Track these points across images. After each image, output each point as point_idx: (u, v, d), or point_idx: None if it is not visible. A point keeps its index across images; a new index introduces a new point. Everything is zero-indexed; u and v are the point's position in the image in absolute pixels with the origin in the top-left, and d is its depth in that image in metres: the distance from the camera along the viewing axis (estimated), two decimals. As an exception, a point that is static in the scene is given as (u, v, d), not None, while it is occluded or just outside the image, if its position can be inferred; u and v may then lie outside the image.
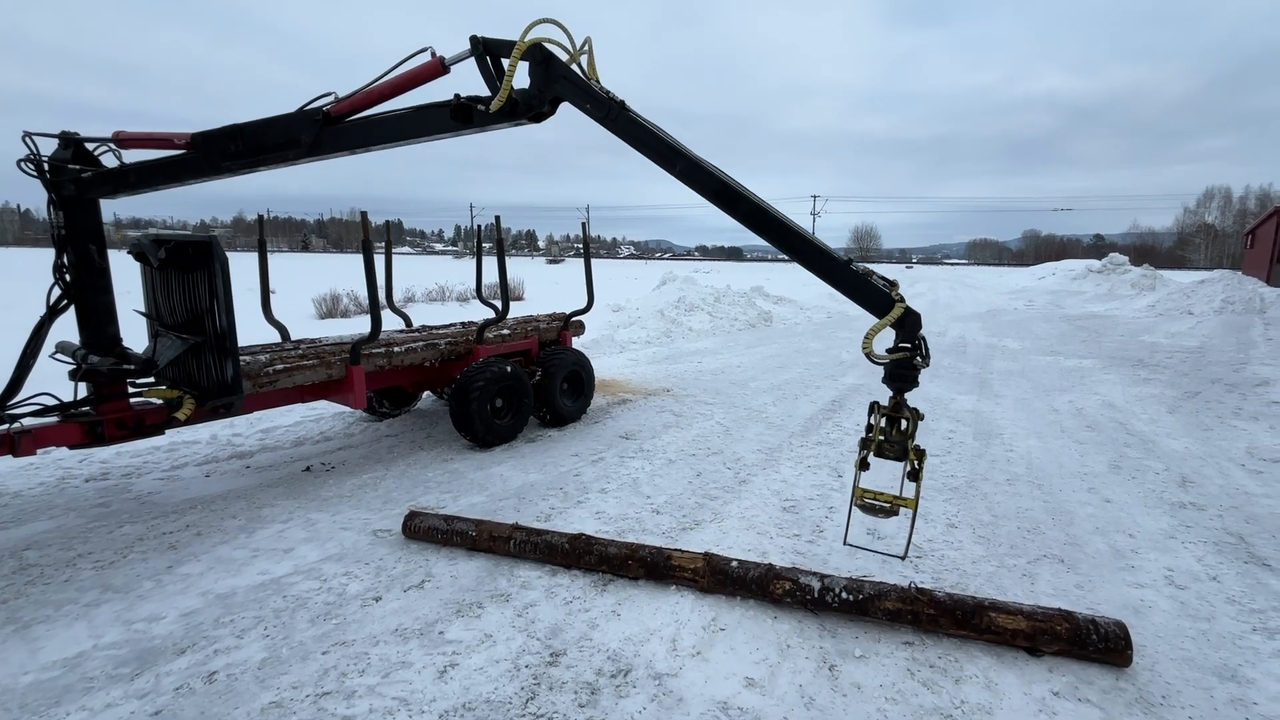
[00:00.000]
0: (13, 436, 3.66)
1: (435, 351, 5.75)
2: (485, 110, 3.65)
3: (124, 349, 4.25)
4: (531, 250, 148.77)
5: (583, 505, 4.44)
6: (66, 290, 4.02)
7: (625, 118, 3.57)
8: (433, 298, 19.58)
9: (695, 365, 9.83)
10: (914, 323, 3.43)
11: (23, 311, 12.60)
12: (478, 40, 3.62)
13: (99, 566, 3.52)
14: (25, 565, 3.51)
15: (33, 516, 4.15)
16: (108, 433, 4.02)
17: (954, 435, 6.24)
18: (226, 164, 4.10)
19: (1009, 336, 13.70)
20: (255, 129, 4.03)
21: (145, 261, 4.47)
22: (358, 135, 3.94)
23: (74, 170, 3.98)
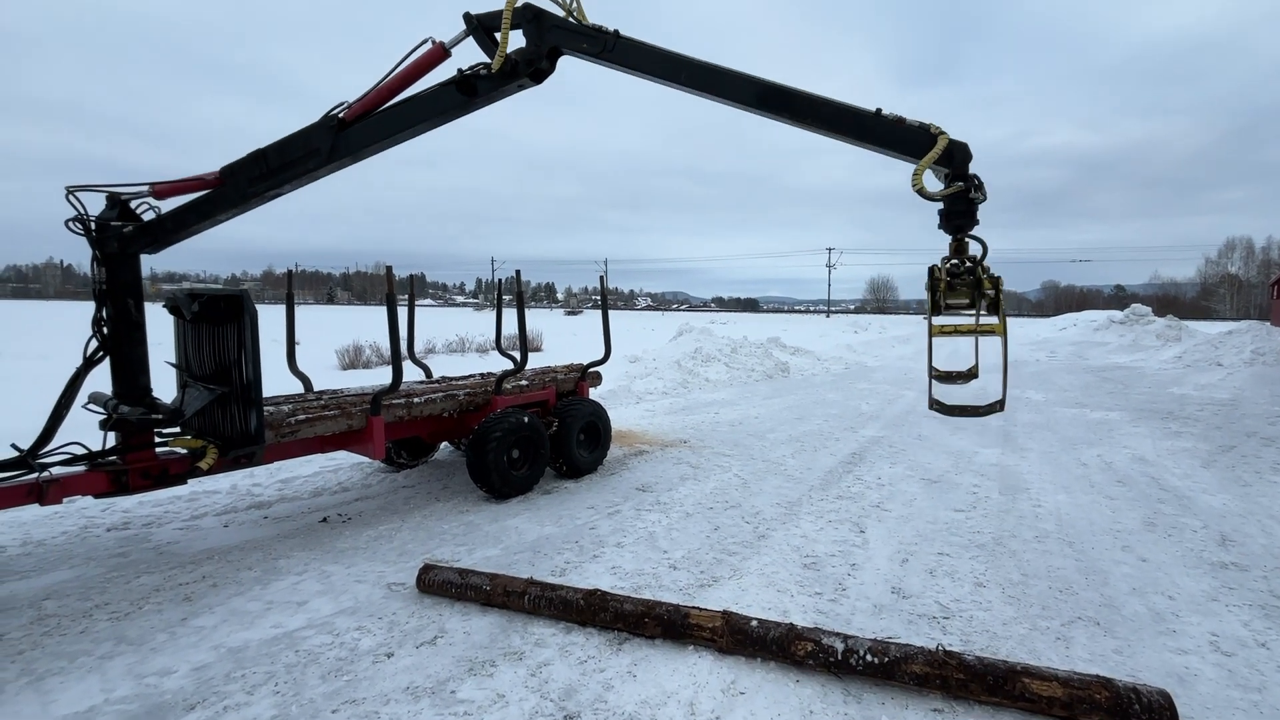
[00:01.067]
0: (40, 485, 3.72)
1: (454, 402, 5.81)
2: (487, 75, 3.75)
3: (153, 399, 4.35)
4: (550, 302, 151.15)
5: (598, 560, 4.37)
6: (103, 343, 4.15)
7: (624, 44, 3.69)
8: (453, 349, 19.87)
9: (712, 416, 9.78)
10: (963, 154, 3.25)
11: (59, 361, 13.01)
12: (471, 17, 3.77)
13: (115, 618, 3.51)
14: (43, 615, 3.52)
15: (54, 566, 4.18)
16: (132, 482, 4.07)
17: (979, 490, 6.09)
18: (254, 189, 4.17)
19: (1032, 388, 13.49)
20: (277, 148, 4.13)
21: (179, 315, 4.63)
22: (372, 132, 4.01)
23: (117, 227, 4.16)
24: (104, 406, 4.17)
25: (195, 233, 4.50)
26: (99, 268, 4.10)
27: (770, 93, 3.75)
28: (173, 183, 4.35)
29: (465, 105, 3.96)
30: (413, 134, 4.18)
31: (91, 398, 4.33)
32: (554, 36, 3.85)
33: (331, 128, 4.04)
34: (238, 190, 4.19)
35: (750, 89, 3.81)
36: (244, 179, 4.16)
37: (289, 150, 4.11)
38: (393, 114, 4.02)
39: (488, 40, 3.85)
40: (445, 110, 4.02)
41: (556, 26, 3.81)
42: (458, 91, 3.89)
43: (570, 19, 3.79)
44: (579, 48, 3.79)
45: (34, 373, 12.50)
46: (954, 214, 3.27)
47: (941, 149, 3.27)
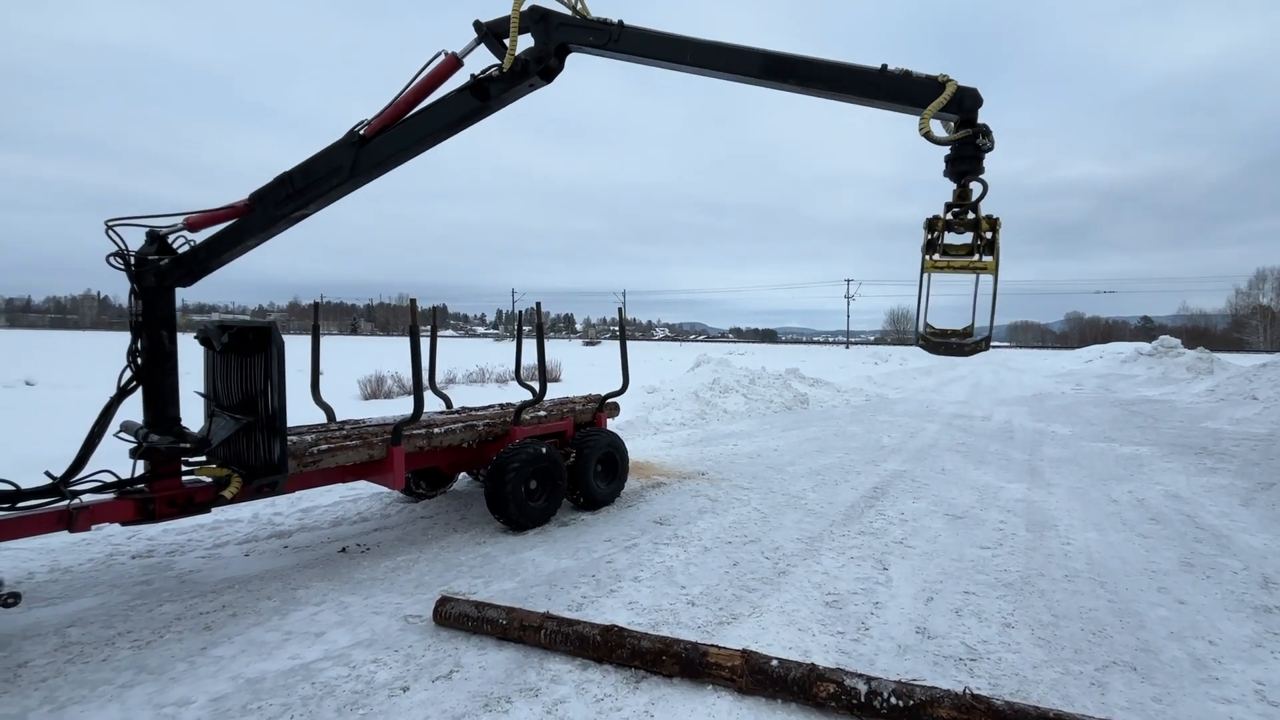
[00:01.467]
0: (71, 512, 3.80)
1: (473, 433, 5.85)
2: (499, 77, 3.86)
3: (181, 428, 4.45)
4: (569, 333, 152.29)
5: (615, 594, 4.32)
6: (137, 373, 4.27)
7: (629, 33, 3.79)
8: (473, 379, 20.04)
9: (730, 448, 9.71)
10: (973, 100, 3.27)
11: (93, 390, 13.35)
12: (481, 25, 3.91)
13: (136, 646, 3.54)
14: (67, 643, 3.56)
15: (80, 593, 4.24)
16: (159, 510, 4.14)
17: (1005, 526, 5.93)
18: (281, 210, 4.27)
19: (1058, 421, 13.21)
20: (301, 169, 4.24)
21: (209, 346, 4.76)
22: (392, 144, 4.10)
23: (154, 261, 4.31)
24: (135, 435, 4.27)
25: (227, 261, 4.61)
26: (136, 300, 4.24)
27: (775, 62, 3.81)
28: (205, 213, 4.46)
29: (480, 110, 4.07)
30: (431, 143, 4.26)
31: (123, 426, 4.44)
32: (561, 34, 3.99)
33: (353, 144, 4.13)
34: (266, 214, 4.30)
35: (755, 60, 3.87)
36: (272, 202, 4.28)
37: (313, 170, 4.22)
38: (411, 125, 4.13)
39: (499, 46, 3.98)
40: (461, 116, 4.12)
41: (562, 24, 3.96)
42: (472, 96, 4.01)
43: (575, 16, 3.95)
44: (586, 41, 3.93)
45: (69, 401, 12.85)
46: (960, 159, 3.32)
47: (950, 94, 3.31)
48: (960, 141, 3.29)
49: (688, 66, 3.96)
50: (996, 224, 3.30)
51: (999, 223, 3.30)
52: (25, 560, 4.75)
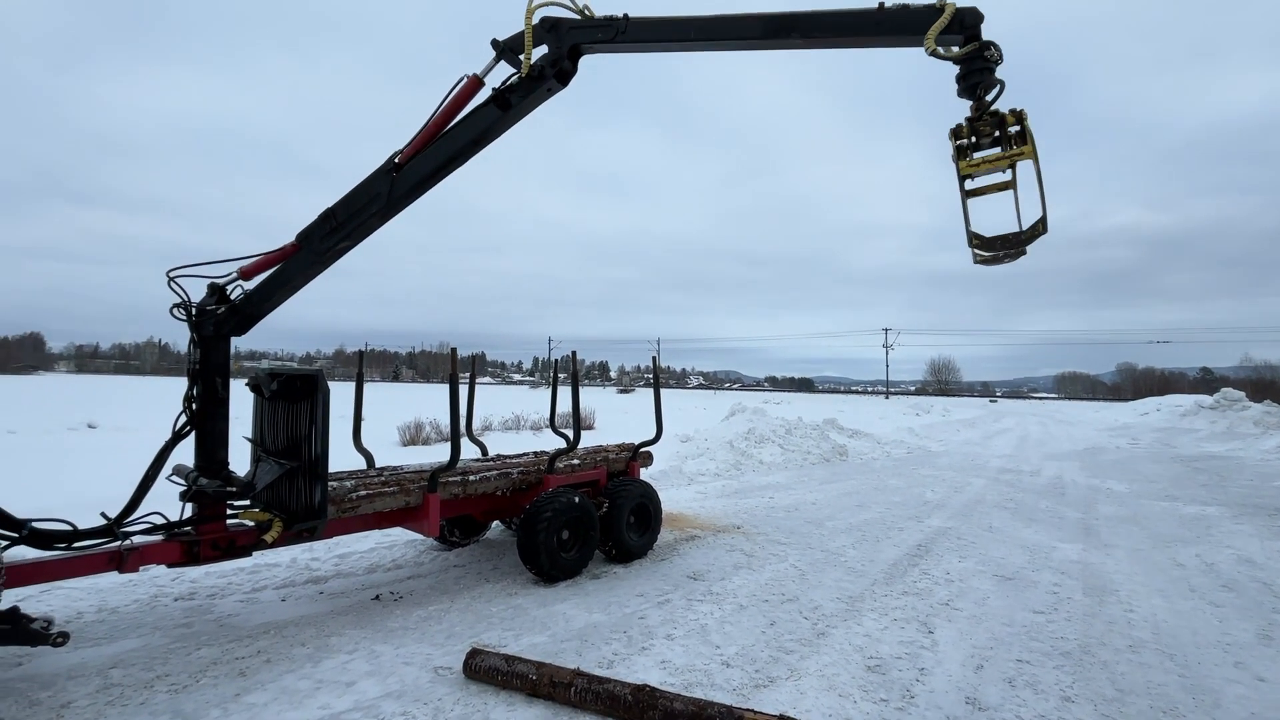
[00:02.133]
0: (122, 553, 3.93)
1: (508, 481, 5.87)
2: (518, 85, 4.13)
3: (229, 472, 4.59)
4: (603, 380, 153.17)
5: (647, 652, 4.20)
6: (191, 418, 4.46)
7: (634, 24, 4.04)
8: (508, 426, 20.23)
9: (767, 501, 9.50)
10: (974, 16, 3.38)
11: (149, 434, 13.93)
12: (498, 43, 4.27)
13: (174, 690, 3.58)
14: (109, 684, 3.62)
15: (124, 634, 4.33)
16: (203, 552, 4.25)
17: (1060, 589, 5.61)
18: (326, 245, 4.47)
19: (1114, 478, 12.57)
20: (342, 203, 4.46)
21: (259, 392, 4.95)
22: (425, 164, 4.30)
23: (213, 311, 4.54)
24: (185, 479, 4.43)
25: (277, 304, 4.75)
26: (195, 349, 4.46)
27: (777, 21, 3.92)
28: (255, 260, 4.66)
29: (503, 119, 4.30)
30: (461, 160, 4.43)
31: (175, 469, 4.61)
32: (571, 36, 4.24)
33: (388, 172, 4.34)
34: (313, 250, 4.49)
35: (757, 24, 4.00)
36: (317, 238, 4.48)
37: (354, 201, 4.43)
38: (440, 144, 4.33)
39: (516, 60, 4.25)
40: (486, 127, 4.32)
41: (572, 28, 4.23)
42: (495, 107, 4.24)
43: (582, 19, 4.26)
44: (596, 39, 4.17)
45: (128, 444, 13.42)
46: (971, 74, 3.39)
47: (950, 15, 3.41)
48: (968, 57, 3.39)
49: (695, 44, 4.13)
50: (1023, 115, 3.29)
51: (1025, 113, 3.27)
52: (76, 599, 4.89)
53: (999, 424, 29.38)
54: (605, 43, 4.23)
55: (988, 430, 25.26)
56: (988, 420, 31.66)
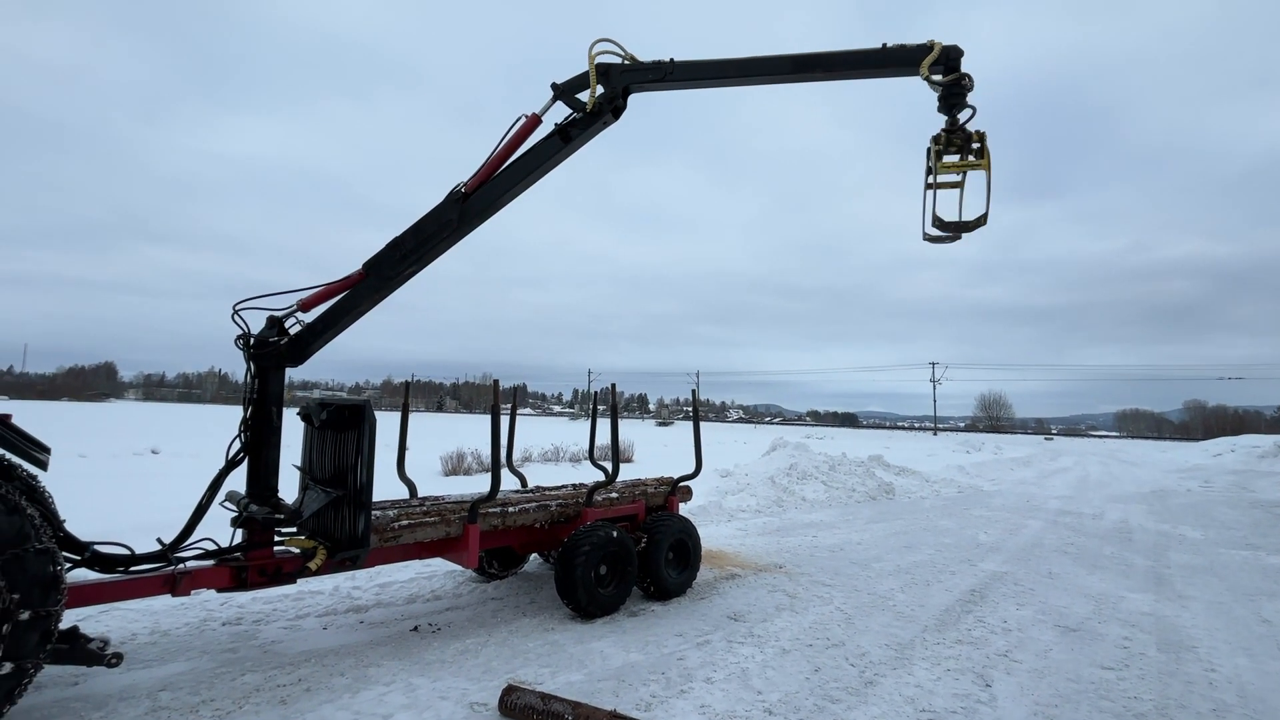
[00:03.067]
0: (175, 577, 4.06)
1: (546, 513, 5.86)
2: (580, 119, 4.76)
3: (278, 500, 4.72)
4: (642, 413, 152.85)
5: (686, 696, 4.07)
6: (245, 445, 4.62)
7: (680, 66, 4.73)
8: (548, 457, 20.31)
9: (810, 539, 9.21)
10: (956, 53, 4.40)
11: (207, 460, 14.48)
12: (556, 86, 4.85)
13: (217, 715, 3.63)
14: (157, 707, 3.69)
15: (173, 656, 4.44)
16: (250, 578, 4.34)
17: (1131, 644, 5.22)
18: (396, 270, 4.76)
19: (1186, 523, 11.77)
20: (411, 231, 4.76)
21: (309, 422, 5.10)
22: (494, 191, 4.75)
23: (274, 344, 4.72)
24: (237, 505, 4.57)
25: (338, 333, 4.90)
26: (253, 379, 4.63)
27: (803, 60, 4.73)
28: (318, 291, 4.84)
29: (563, 149, 4.84)
30: (525, 186, 4.92)
31: (228, 495, 4.76)
32: (624, 78, 4.84)
33: (457, 200, 4.76)
34: (382, 277, 4.75)
35: (787, 63, 4.81)
36: (387, 264, 4.76)
37: (423, 229, 4.76)
38: (509, 172, 4.80)
39: (572, 101, 4.86)
40: (549, 157, 4.84)
41: (624, 71, 4.82)
42: (559, 140, 4.78)
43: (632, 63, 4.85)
44: (646, 80, 4.80)
45: (186, 469, 13.99)
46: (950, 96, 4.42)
47: (938, 51, 4.41)
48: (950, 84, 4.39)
49: (732, 81, 4.86)
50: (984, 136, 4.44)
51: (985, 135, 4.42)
52: (130, 621, 5.05)
53: (1056, 463, 28.02)
54: (654, 82, 4.85)
55: (1043, 469, 24.10)
56: (1043, 459, 30.22)
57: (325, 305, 4.90)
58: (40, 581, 3.13)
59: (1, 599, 3.01)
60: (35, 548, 3.14)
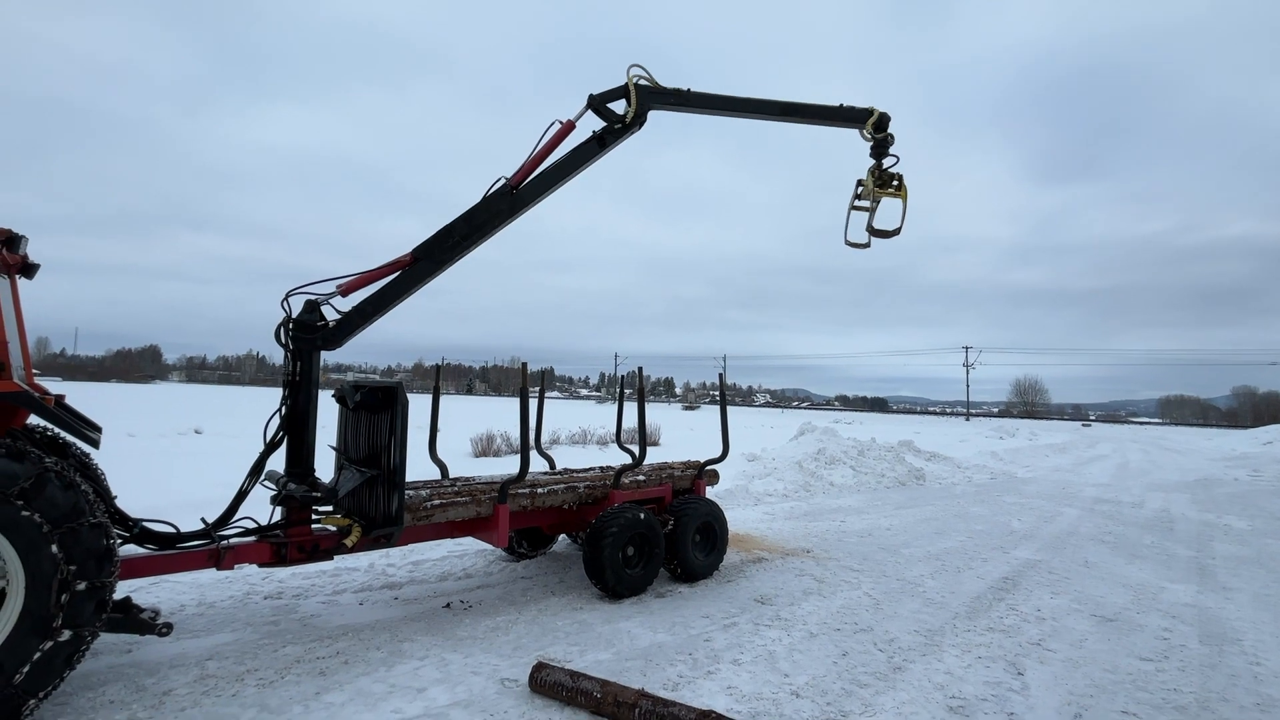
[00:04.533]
0: (219, 551, 4.22)
1: (574, 495, 5.92)
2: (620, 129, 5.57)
3: (315, 479, 4.85)
4: (669, 396, 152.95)
5: (713, 677, 4.10)
6: (283, 424, 4.74)
7: (693, 95, 5.76)
8: (575, 440, 20.49)
9: (838, 524, 9.15)
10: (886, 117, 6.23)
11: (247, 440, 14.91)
12: (593, 97, 5.60)
13: (261, 684, 3.78)
14: (205, 675, 3.86)
15: (219, 627, 4.63)
16: (290, 554, 4.49)
17: (1170, 635, 5.09)
18: (447, 255, 5.13)
19: (1232, 513, 11.38)
20: (463, 219, 5.15)
21: (343, 404, 5.22)
22: (540, 184, 5.38)
23: (320, 327, 4.80)
24: (276, 484, 4.71)
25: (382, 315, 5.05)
26: (293, 362, 4.73)
27: (786, 105, 6.15)
28: (363, 275, 4.95)
29: (597, 152, 5.56)
30: (564, 182, 5.56)
31: (267, 475, 4.91)
32: (651, 98, 5.69)
33: (506, 193, 5.27)
34: (433, 261, 5.11)
35: (775, 106, 6.17)
36: (439, 250, 5.14)
37: (475, 218, 5.22)
38: (552, 169, 5.44)
39: (604, 111, 5.61)
40: (586, 159, 5.55)
41: (651, 92, 5.67)
42: (596, 144, 5.53)
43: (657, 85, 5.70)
44: (668, 101, 5.72)
45: (227, 448, 14.47)
46: (880, 146, 6.24)
47: (877, 115, 6.21)
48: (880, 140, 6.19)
49: (733, 113, 6.01)
50: (902, 177, 6.23)
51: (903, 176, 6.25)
52: (179, 593, 5.27)
53: (1094, 450, 27.28)
54: (673, 105, 5.82)
55: (1081, 456, 23.50)
56: (1080, 445, 29.45)
57: (365, 290, 5.00)
58: (95, 554, 3.28)
59: (60, 570, 3.16)
60: (89, 522, 3.28)
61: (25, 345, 4.26)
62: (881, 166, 6.23)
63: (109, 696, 3.57)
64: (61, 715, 3.35)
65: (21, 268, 4.24)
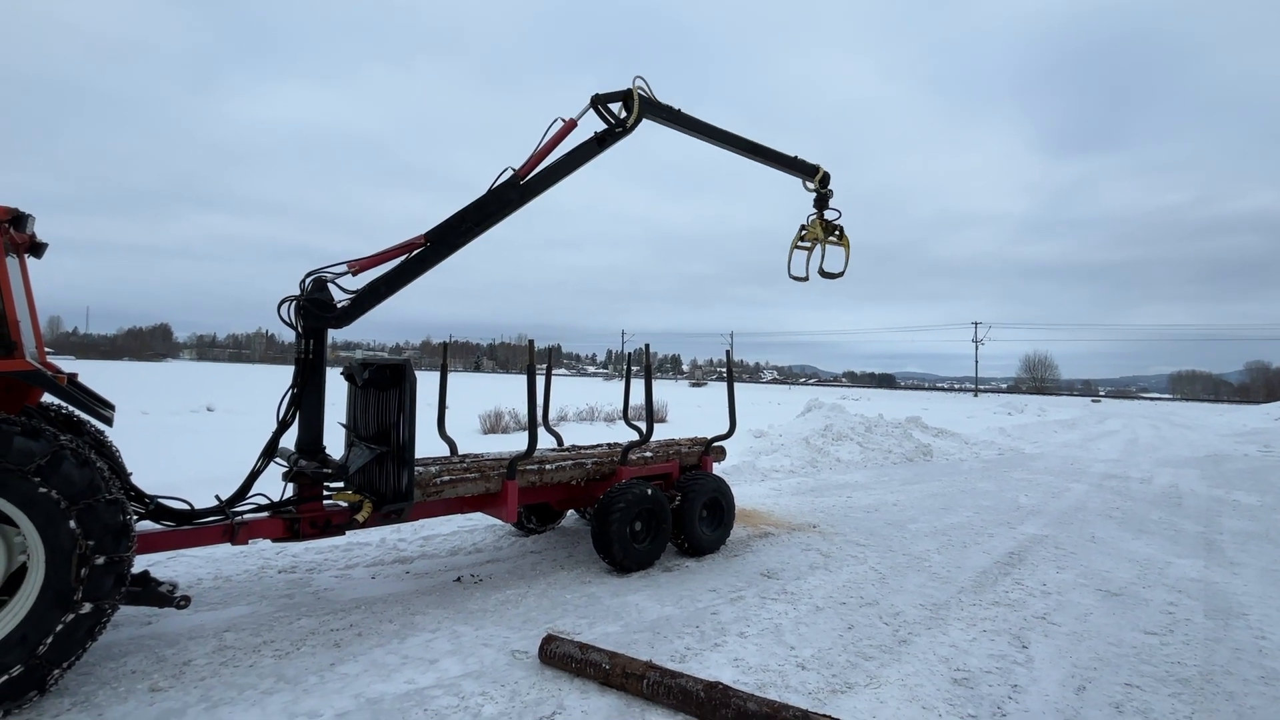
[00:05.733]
0: (234, 527, 4.29)
1: (582, 471, 5.96)
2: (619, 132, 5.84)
3: (325, 455, 4.90)
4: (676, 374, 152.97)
5: (720, 649, 4.16)
6: (293, 400, 4.77)
7: (682, 115, 6.18)
8: (583, 417, 20.59)
9: (844, 500, 9.20)
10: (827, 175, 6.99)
11: (257, 416, 15.06)
12: (596, 97, 5.90)
13: (277, 655, 3.87)
14: (223, 646, 3.95)
15: (235, 600, 4.73)
16: (303, 530, 4.56)
17: (1176, 610, 5.12)
18: (460, 239, 5.32)
19: (1241, 489, 11.34)
20: (475, 207, 5.34)
21: (352, 381, 5.24)
22: (545, 179, 5.62)
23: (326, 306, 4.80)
24: (287, 460, 4.76)
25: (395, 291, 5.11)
26: (305, 341, 4.74)
27: (753, 144, 6.66)
28: (372, 256, 5.02)
29: (596, 151, 5.83)
30: (566, 176, 5.79)
31: (279, 452, 4.97)
32: (647, 109, 5.99)
33: (515, 185, 5.50)
34: (447, 243, 5.29)
35: (744, 142, 6.71)
36: (451, 234, 5.30)
37: (486, 206, 5.42)
38: (556, 165, 5.70)
39: (604, 111, 5.88)
40: (587, 157, 5.82)
41: (650, 104, 6.00)
42: (596, 144, 5.81)
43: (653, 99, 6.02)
44: (660, 115, 6.07)
45: (238, 425, 14.64)
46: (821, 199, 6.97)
47: (822, 172, 6.95)
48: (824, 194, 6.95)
49: (709, 139, 6.52)
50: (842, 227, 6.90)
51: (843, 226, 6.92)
52: (195, 568, 5.38)
53: (1103, 425, 27.18)
54: (662, 118, 6.17)
55: (1089, 432, 23.42)
56: (1090, 421, 29.35)
57: (377, 270, 5.05)
58: (112, 529, 3.34)
59: (78, 545, 3.22)
60: (106, 498, 3.33)
61: (37, 324, 4.30)
62: (823, 217, 6.88)
63: (131, 667, 3.67)
64: (85, 684, 3.45)
65: (30, 247, 4.26)
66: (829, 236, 6.95)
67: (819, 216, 6.94)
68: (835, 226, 6.89)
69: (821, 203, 6.97)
